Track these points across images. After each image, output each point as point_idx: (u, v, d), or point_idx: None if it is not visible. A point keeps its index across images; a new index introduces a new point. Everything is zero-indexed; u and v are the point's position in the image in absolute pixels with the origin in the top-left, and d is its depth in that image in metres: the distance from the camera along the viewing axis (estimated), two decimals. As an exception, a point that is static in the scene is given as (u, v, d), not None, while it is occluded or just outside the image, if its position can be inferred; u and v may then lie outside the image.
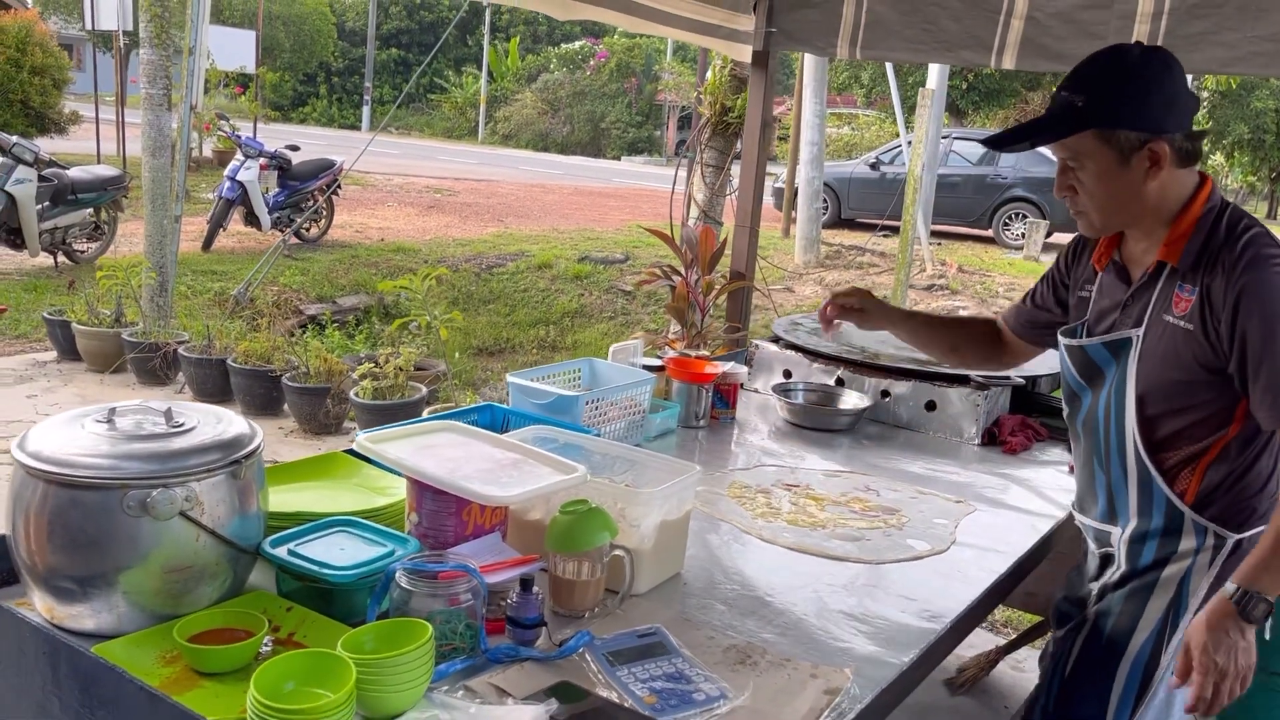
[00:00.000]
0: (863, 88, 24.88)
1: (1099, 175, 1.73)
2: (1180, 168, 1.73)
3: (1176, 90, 1.70)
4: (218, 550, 1.45)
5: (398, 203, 14.51)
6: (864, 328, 2.29)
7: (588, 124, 30.60)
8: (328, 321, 8.00)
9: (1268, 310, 1.62)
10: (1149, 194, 1.73)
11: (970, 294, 10.62)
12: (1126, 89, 1.68)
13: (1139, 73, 1.69)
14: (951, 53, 3.45)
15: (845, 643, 1.60)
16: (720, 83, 5.19)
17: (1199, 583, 1.77)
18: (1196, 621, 1.66)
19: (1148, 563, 1.82)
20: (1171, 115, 1.70)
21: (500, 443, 1.80)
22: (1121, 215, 1.78)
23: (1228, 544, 1.75)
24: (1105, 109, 1.69)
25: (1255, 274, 1.64)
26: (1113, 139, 1.69)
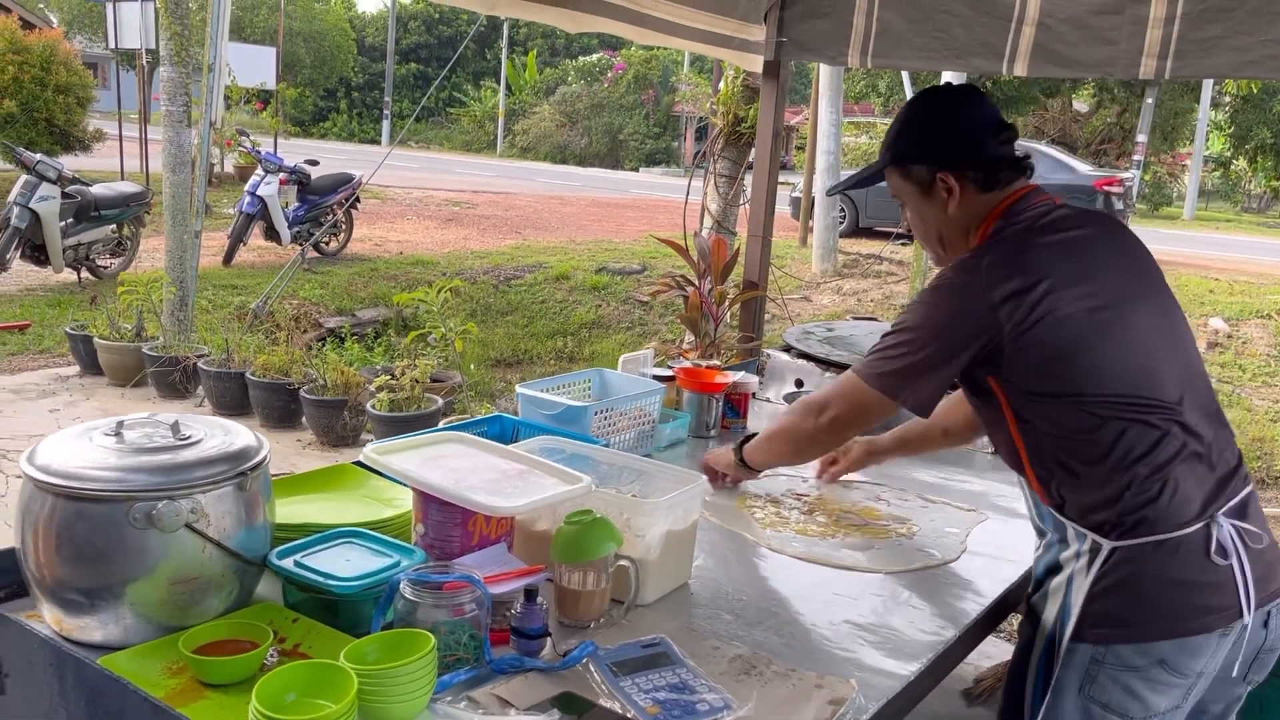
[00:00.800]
0: (880, 96, 24.85)
1: (914, 208, 1.92)
2: (985, 192, 1.83)
3: (964, 126, 1.84)
4: (224, 562, 1.46)
5: (417, 216, 14.60)
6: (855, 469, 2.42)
7: (605, 136, 30.71)
8: (347, 334, 8.05)
9: (916, 299, 1.83)
10: (956, 221, 1.86)
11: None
12: (914, 129, 1.89)
13: (929, 109, 1.90)
14: (963, 60, 3.44)
15: (852, 653, 1.59)
16: (733, 93, 5.20)
17: (1078, 588, 1.70)
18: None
19: (1041, 572, 1.84)
20: (956, 148, 1.83)
21: (507, 454, 1.81)
22: (944, 242, 1.91)
23: (1103, 550, 1.67)
24: (897, 149, 1.89)
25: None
26: (910, 174, 1.88)
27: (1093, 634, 1.69)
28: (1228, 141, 27.80)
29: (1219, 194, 31.44)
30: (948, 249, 1.91)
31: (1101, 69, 3.18)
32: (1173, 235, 19.20)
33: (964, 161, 1.82)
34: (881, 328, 3.61)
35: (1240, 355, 8.81)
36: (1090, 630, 1.69)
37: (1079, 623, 1.69)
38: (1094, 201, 13.92)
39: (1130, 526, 1.65)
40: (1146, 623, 1.66)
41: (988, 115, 1.85)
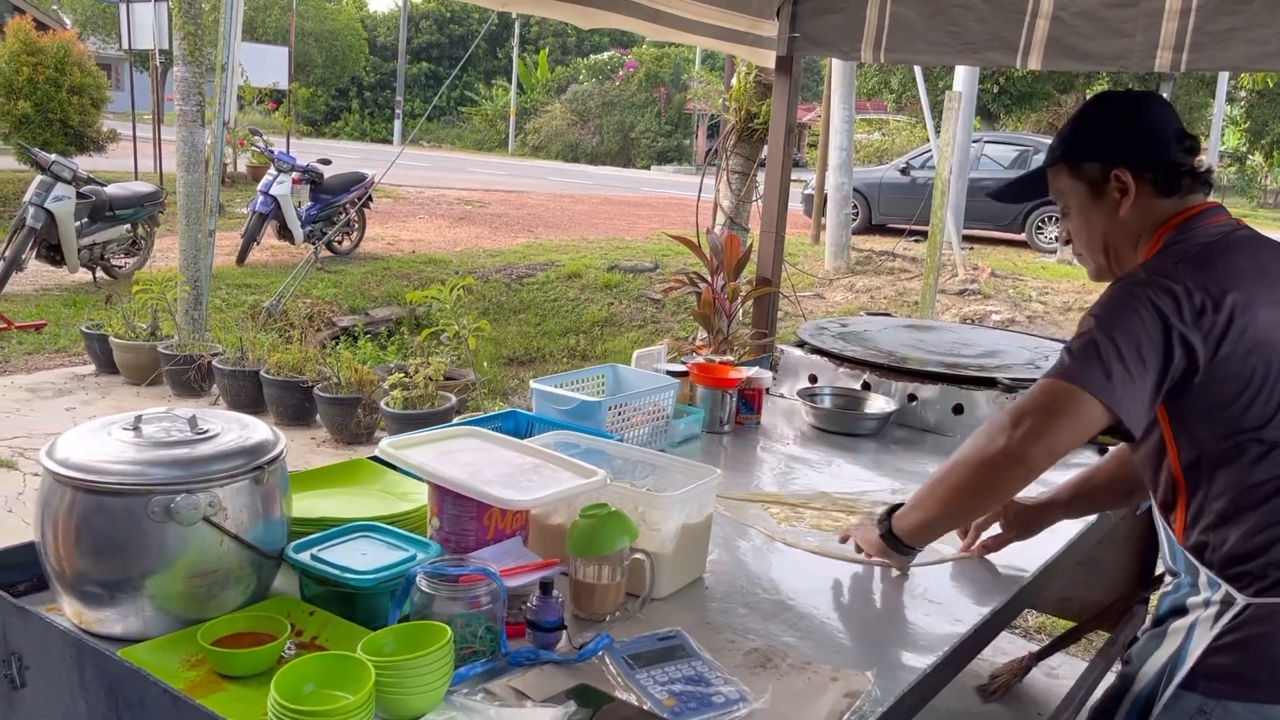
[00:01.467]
0: (892, 93, 24.77)
1: (1079, 210, 1.78)
2: (1161, 197, 1.71)
3: (1146, 125, 1.72)
4: (241, 555, 1.46)
5: (429, 215, 14.63)
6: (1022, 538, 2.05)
7: (617, 134, 30.71)
8: (360, 333, 8.07)
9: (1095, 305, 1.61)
10: (1127, 225, 1.73)
11: (1003, 298, 10.52)
12: (1090, 126, 1.76)
13: (1105, 111, 1.78)
14: (977, 54, 3.43)
15: (867, 647, 1.59)
16: (745, 89, 5.19)
17: (1200, 637, 1.61)
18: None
19: (1164, 612, 1.73)
20: (1136, 147, 1.71)
21: (521, 448, 1.81)
22: (1103, 250, 1.77)
23: (1236, 604, 1.57)
24: (1070, 145, 1.77)
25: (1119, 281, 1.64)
26: (1081, 173, 1.75)
27: (1206, 687, 1.60)
28: (1244, 136, 27.63)
29: (1235, 189, 31.22)
30: (1113, 259, 1.77)
31: (1116, 62, 3.16)
32: (1188, 231, 19.06)
33: (1142, 160, 1.70)
34: (895, 322, 3.61)
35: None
36: (1203, 682, 1.61)
37: (1191, 672, 1.61)
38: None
39: (1273, 583, 1.56)
40: (1267, 685, 1.58)
41: (1171, 120, 1.74)
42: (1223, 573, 1.60)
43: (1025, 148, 15.67)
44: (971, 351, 3.08)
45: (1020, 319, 9.79)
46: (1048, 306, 10.31)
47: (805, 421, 2.80)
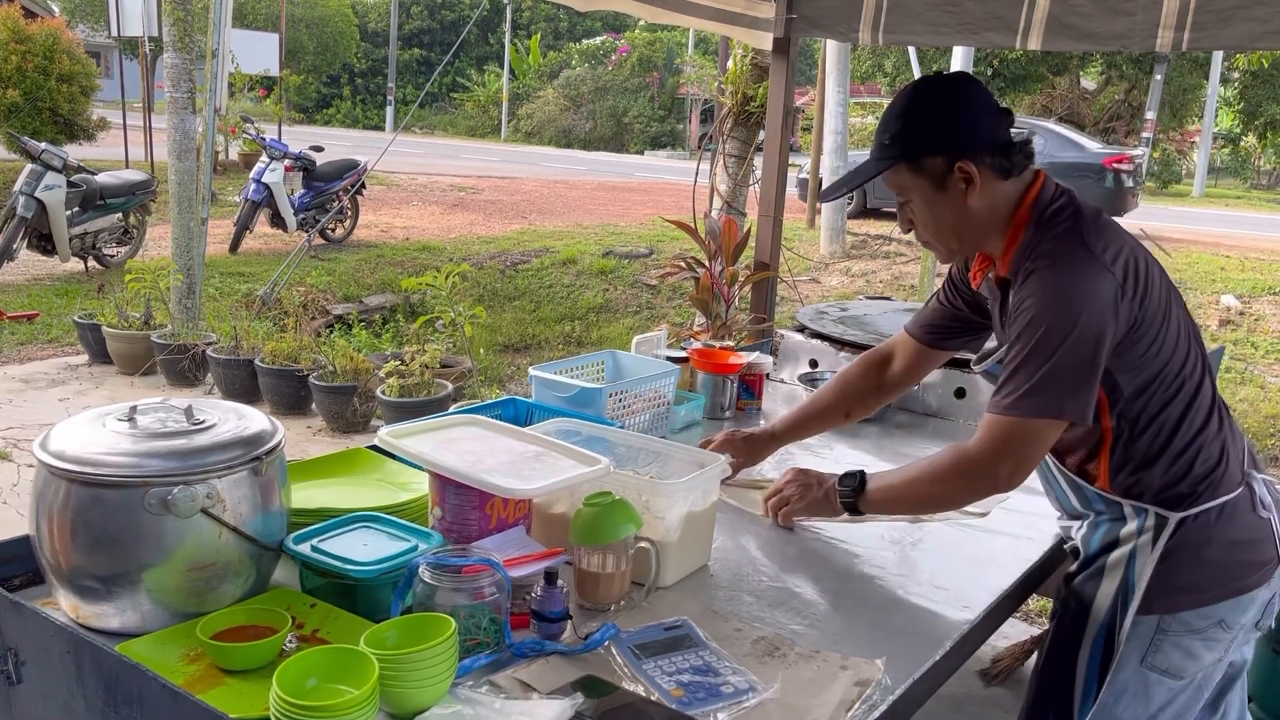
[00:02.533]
0: (886, 76, 24.71)
1: (923, 203, 1.77)
2: (1003, 179, 1.74)
3: (975, 109, 1.73)
4: (240, 547, 1.44)
5: (422, 202, 14.56)
6: (757, 461, 2.22)
7: (610, 119, 30.59)
8: (354, 321, 8.03)
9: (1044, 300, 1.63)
10: (975, 212, 1.75)
11: (999, 281, 10.50)
12: (922, 119, 1.74)
13: (932, 100, 1.76)
14: (976, 34, 3.39)
15: (876, 633, 1.57)
16: (741, 72, 5.15)
17: (1144, 563, 1.73)
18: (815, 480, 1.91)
19: (1095, 549, 1.82)
20: (973, 134, 1.72)
21: (523, 436, 1.79)
22: (960, 237, 1.80)
23: (1169, 523, 1.71)
24: (907, 140, 1.74)
25: (1041, 271, 1.65)
26: (922, 167, 1.74)
27: (1160, 605, 1.72)
28: (1237, 118, 27.60)
29: (1228, 171, 31.22)
30: (966, 243, 1.82)
31: (1117, 42, 3.13)
32: (1182, 212, 19.08)
33: (981, 148, 1.71)
34: (894, 306, 3.59)
35: (1253, 333, 8.76)
36: (1158, 601, 1.72)
37: (1145, 596, 1.72)
38: (1103, 179, 13.81)
39: (1197, 496, 1.70)
40: (1210, 587, 1.71)
41: (990, 99, 1.76)
42: (1155, 500, 1.72)
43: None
44: (973, 335, 3.05)
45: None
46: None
47: (806, 406, 2.77)
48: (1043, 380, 1.60)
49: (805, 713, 1.33)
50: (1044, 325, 1.60)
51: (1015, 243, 1.73)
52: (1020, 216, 1.74)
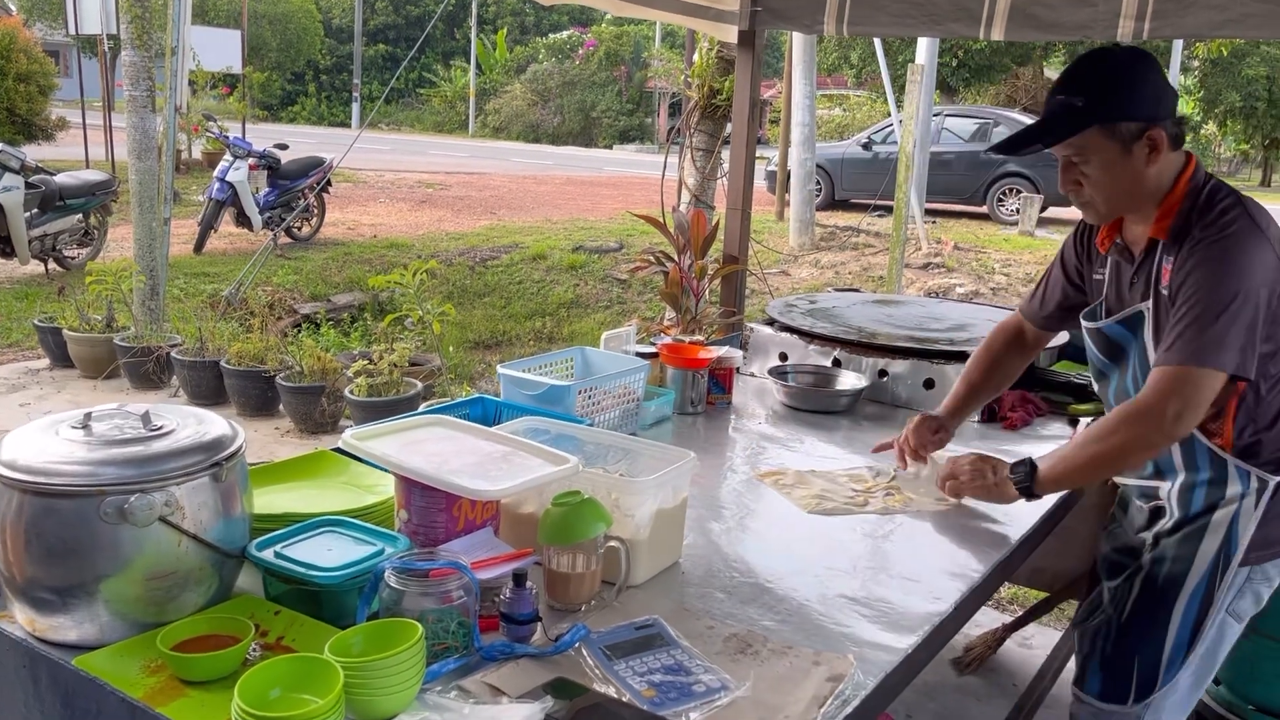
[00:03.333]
0: (852, 68, 24.78)
1: (1105, 166, 1.88)
2: (1174, 151, 1.88)
3: (1161, 82, 1.88)
4: (201, 555, 1.41)
5: (389, 198, 14.46)
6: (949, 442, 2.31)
7: (578, 113, 30.51)
8: (322, 320, 7.95)
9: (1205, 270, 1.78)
10: (1149, 178, 1.88)
11: (966, 271, 10.57)
12: (1121, 85, 1.85)
13: (1129, 69, 1.86)
14: (940, 25, 3.39)
15: (848, 628, 1.56)
16: (708, 65, 5.13)
17: (1246, 524, 1.91)
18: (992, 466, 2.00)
19: (1199, 509, 1.97)
20: (1162, 104, 1.87)
21: (490, 436, 1.77)
22: (1125, 201, 1.93)
23: (1270, 486, 1.89)
24: (1106, 105, 1.84)
25: (1213, 241, 1.80)
26: (1115, 132, 1.85)
27: (1255, 556, 1.93)
28: (1197, 106, 27.93)
29: (1190, 158, 31.56)
30: (1129, 206, 1.94)
31: (1080, 31, 3.14)
32: (1145, 200, 19.26)
33: (1169, 117, 1.86)
34: (863, 298, 3.59)
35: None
36: (1254, 554, 1.93)
37: (1247, 549, 1.92)
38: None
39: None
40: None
41: (1163, 73, 1.88)
42: (1265, 463, 1.89)
43: (986, 120, 15.72)
44: (940, 325, 3.06)
45: (984, 291, 9.84)
46: (1010, 278, 10.37)
47: (777, 400, 2.77)
48: (1213, 335, 1.74)
49: (778, 710, 1.32)
50: (1218, 287, 1.75)
51: (1175, 210, 1.88)
52: (1180, 187, 1.88)
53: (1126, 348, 2.01)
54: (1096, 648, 2.11)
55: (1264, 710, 2.88)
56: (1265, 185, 27.55)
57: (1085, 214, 2.01)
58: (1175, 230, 1.87)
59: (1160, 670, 2.01)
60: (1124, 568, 2.11)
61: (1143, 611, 2.04)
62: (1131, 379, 2.01)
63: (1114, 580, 2.13)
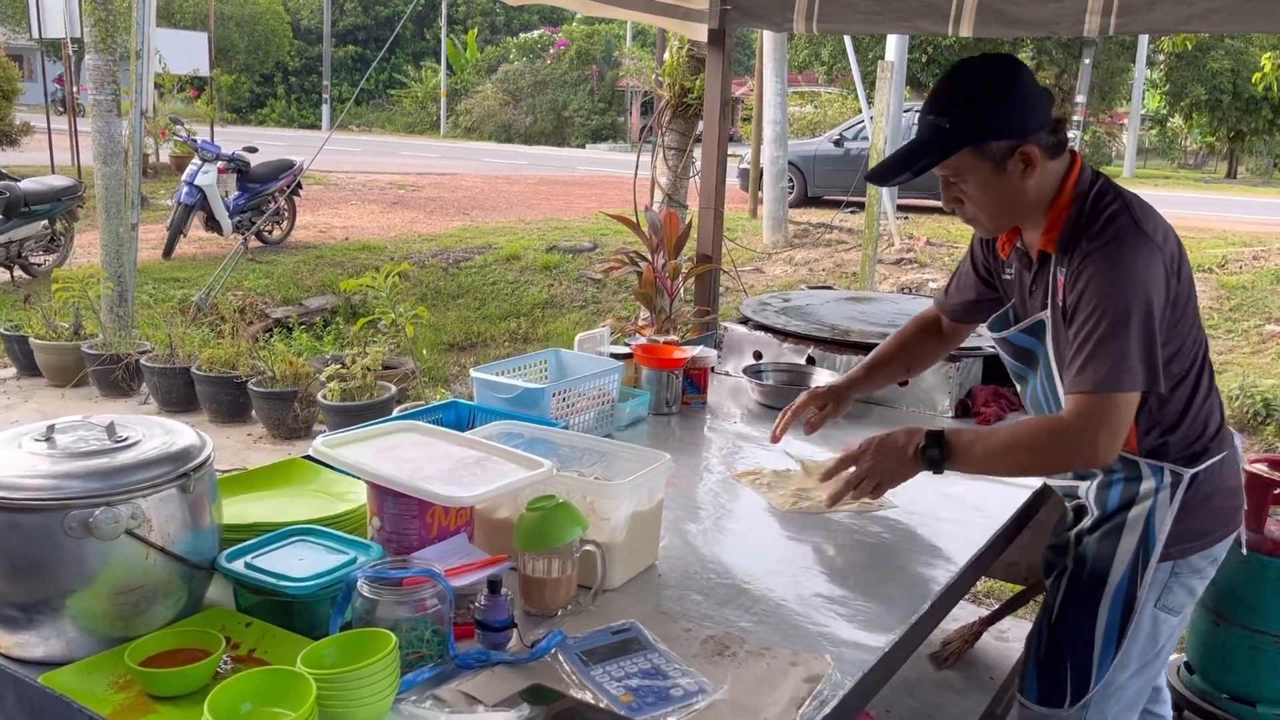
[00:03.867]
0: (824, 65, 24.88)
1: (980, 186, 1.84)
2: (1053, 160, 1.83)
3: (1031, 92, 1.80)
4: (170, 568, 1.39)
5: (361, 200, 14.37)
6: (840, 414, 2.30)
7: (550, 113, 30.44)
8: (295, 324, 7.89)
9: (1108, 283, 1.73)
10: (1029, 191, 1.83)
11: (938, 266, 10.63)
12: (989, 103, 1.79)
13: (996, 84, 1.80)
14: (908, 22, 3.41)
15: (824, 627, 1.56)
16: (678, 64, 5.13)
17: (1163, 518, 1.91)
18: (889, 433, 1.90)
19: (1115, 506, 1.98)
20: (1033, 117, 1.80)
21: (463, 441, 1.75)
22: (1008, 215, 1.90)
23: (1184, 479, 1.90)
24: (973, 126, 1.79)
25: (1102, 254, 1.75)
26: (985, 151, 1.79)
27: (1177, 550, 1.92)
28: (1163, 99, 28.24)
29: (1156, 151, 31.96)
30: (1011, 220, 1.91)
31: (1047, 27, 3.16)
32: (1114, 194, 19.43)
33: (1040, 129, 1.80)
34: (836, 295, 3.60)
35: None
36: (1175, 548, 1.92)
37: (1166, 544, 1.91)
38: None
39: (1208, 453, 1.91)
40: (1213, 530, 1.95)
41: (1035, 80, 1.82)
42: (1174, 460, 1.90)
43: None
44: (914, 322, 3.07)
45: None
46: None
47: (752, 398, 2.77)
48: (1121, 357, 1.70)
49: (756, 712, 1.31)
50: (1115, 304, 1.71)
51: (1061, 220, 1.84)
52: (1064, 195, 1.84)
53: (1035, 353, 2.00)
54: (1032, 650, 2.10)
55: (1237, 698, 2.91)
56: (1231, 177, 27.92)
57: (975, 229, 2.01)
58: (1063, 242, 1.82)
59: (1092, 670, 1.99)
60: (1055, 567, 2.09)
61: (1069, 612, 2.02)
62: (1042, 385, 2.01)
63: (1048, 578, 2.11)
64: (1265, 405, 6.32)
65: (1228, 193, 22.48)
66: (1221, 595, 2.92)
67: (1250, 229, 13.35)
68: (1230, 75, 24.83)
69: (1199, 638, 3.01)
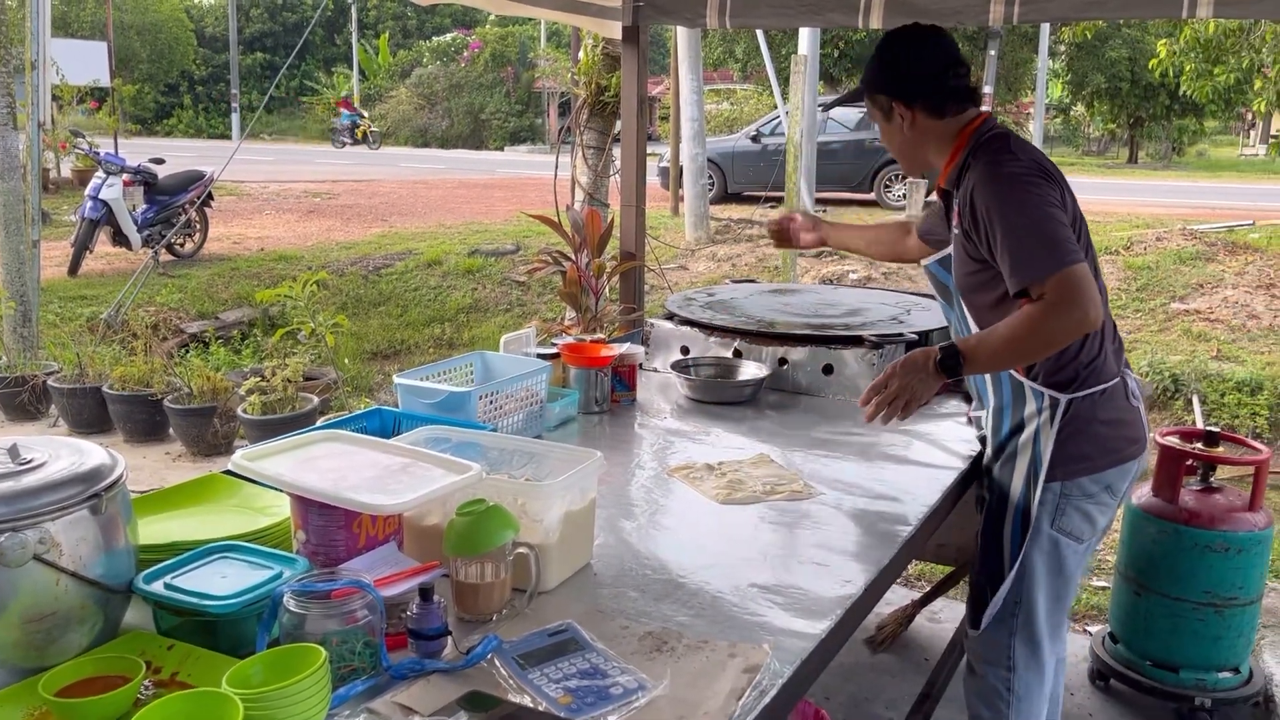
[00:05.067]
0: (738, 61, 25.06)
1: (881, 130, 2.24)
2: (938, 119, 2.14)
3: (912, 61, 2.14)
4: (83, 593, 1.33)
5: (275, 210, 14.06)
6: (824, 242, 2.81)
7: (467, 116, 30.18)
8: (212, 338, 7.69)
9: (988, 192, 1.99)
10: (917, 141, 2.17)
11: (857, 257, 10.79)
12: (879, 62, 2.17)
13: (889, 48, 2.17)
14: (819, 15, 3.45)
15: (761, 617, 1.56)
16: (594, 63, 5.12)
17: (1046, 441, 2.12)
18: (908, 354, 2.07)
19: (1008, 432, 2.21)
20: (906, 83, 2.13)
21: (388, 448, 1.72)
22: (908, 159, 2.23)
23: (1061, 403, 2.10)
24: (869, 79, 2.19)
25: (981, 169, 2.02)
26: (876, 102, 2.19)
27: (1062, 472, 2.12)
28: (1065, 89, 29.07)
29: (1061, 139, 32.88)
30: (910, 163, 2.23)
31: (954, 17, 3.22)
32: (1023, 181, 19.92)
33: (912, 93, 2.12)
34: (760, 288, 3.62)
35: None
36: (1060, 470, 2.12)
37: (1050, 466, 2.11)
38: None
39: (1082, 380, 2.09)
40: (1099, 456, 2.12)
41: (941, 54, 2.13)
42: (1047, 382, 2.10)
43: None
44: (836, 311, 3.11)
45: (876, 276, 10.07)
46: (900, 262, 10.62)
47: (680, 394, 2.77)
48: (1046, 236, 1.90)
49: (696, 706, 1.30)
50: (1011, 200, 1.95)
51: (953, 161, 2.14)
52: (959, 144, 2.13)
53: (948, 285, 2.24)
54: (970, 581, 2.36)
55: (1160, 664, 3.00)
56: (1132, 162, 28.86)
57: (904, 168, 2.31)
58: (953, 177, 2.13)
59: (1005, 587, 2.20)
60: (983, 502, 2.32)
61: (987, 537, 2.26)
62: (956, 312, 2.26)
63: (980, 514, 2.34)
64: (1174, 381, 6.54)
65: (1130, 177, 23.27)
66: (1141, 565, 3.01)
67: (1152, 211, 13.82)
68: (1128, 64, 25.64)
69: (1121, 608, 3.10)
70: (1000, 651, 2.25)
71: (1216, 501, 2.91)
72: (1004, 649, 2.25)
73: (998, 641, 2.25)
